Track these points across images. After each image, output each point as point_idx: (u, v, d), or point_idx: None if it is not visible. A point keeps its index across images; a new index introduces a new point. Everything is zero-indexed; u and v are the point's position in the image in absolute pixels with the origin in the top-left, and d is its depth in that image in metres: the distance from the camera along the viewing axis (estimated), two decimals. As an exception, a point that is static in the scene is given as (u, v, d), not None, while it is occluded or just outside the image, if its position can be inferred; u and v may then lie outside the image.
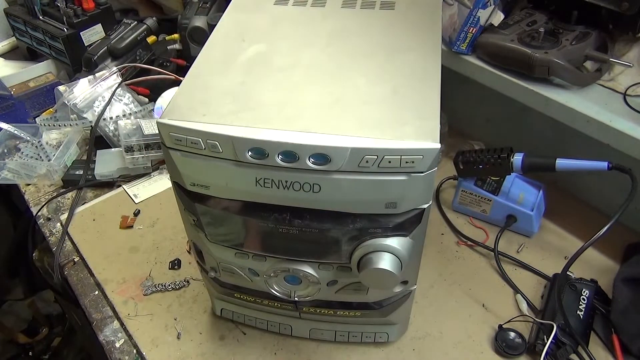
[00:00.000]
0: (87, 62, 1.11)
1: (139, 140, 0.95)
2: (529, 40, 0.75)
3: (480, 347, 0.69)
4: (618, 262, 0.79)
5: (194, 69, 0.53)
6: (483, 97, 0.96)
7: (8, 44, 1.35)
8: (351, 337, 0.68)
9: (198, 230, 0.56)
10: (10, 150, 1.00)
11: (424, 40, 0.56)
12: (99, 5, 1.18)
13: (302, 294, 0.59)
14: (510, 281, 0.77)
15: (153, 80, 1.10)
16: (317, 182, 0.46)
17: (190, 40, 1.17)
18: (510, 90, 0.78)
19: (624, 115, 0.69)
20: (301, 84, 0.50)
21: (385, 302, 0.62)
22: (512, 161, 0.74)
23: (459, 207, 0.88)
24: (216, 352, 0.70)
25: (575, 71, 0.73)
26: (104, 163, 0.97)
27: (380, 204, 0.47)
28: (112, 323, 0.74)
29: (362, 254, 0.51)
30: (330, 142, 0.43)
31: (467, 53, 0.83)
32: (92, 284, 0.80)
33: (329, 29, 0.58)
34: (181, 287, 0.78)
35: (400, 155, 0.43)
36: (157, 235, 0.87)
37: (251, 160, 0.45)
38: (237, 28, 0.59)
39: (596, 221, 0.66)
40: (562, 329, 0.66)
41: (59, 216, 0.91)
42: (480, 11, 0.77)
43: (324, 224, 0.49)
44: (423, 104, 0.47)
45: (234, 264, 0.58)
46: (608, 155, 0.69)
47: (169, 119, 0.46)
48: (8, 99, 1.15)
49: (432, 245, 0.83)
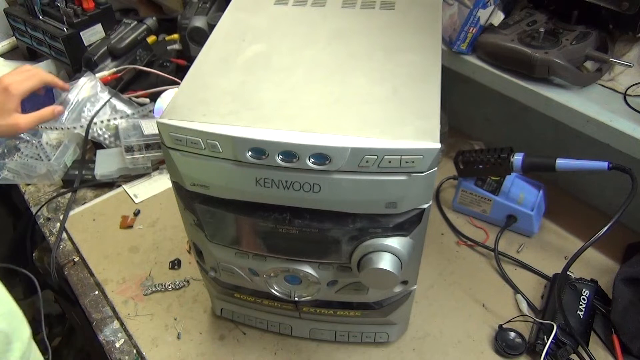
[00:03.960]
0: (87, 62, 1.11)
1: (139, 140, 0.95)
2: (529, 40, 0.75)
3: (480, 347, 0.69)
4: (618, 262, 0.79)
5: (194, 69, 0.53)
6: (483, 97, 0.96)
7: (8, 44, 1.35)
8: (351, 337, 0.68)
9: (198, 230, 0.56)
10: (10, 150, 1.00)
11: (424, 40, 0.56)
12: (99, 5, 1.18)
13: (302, 293, 0.59)
14: (510, 281, 0.77)
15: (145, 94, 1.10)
16: (317, 182, 0.46)
17: (190, 40, 1.17)
18: (510, 90, 0.78)
19: (624, 115, 0.69)
20: (301, 83, 0.50)
21: (386, 302, 0.62)
22: (512, 161, 0.74)
23: (459, 207, 0.88)
24: (216, 352, 0.70)
25: (575, 71, 0.73)
26: (104, 163, 0.97)
27: (380, 204, 0.47)
28: (112, 323, 0.74)
29: (362, 253, 0.51)
30: (330, 142, 0.43)
31: (467, 53, 0.83)
32: (92, 284, 0.80)
33: (329, 29, 0.58)
34: (181, 287, 0.78)
35: (400, 155, 0.43)
36: (157, 235, 0.87)
37: (251, 160, 0.45)
38: (237, 28, 0.59)
39: (596, 221, 0.66)
40: (562, 329, 0.66)
41: (58, 216, 0.91)
42: (481, 11, 0.77)
43: (324, 223, 0.49)
44: (423, 104, 0.47)
45: (234, 264, 0.58)
46: (608, 155, 0.69)
47: (169, 119, 0.46)
48: (8, 99, 1.15)
49: (432, 245, 0.83)
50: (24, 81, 0.80)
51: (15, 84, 0.79)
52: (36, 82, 0.81)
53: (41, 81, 0.82)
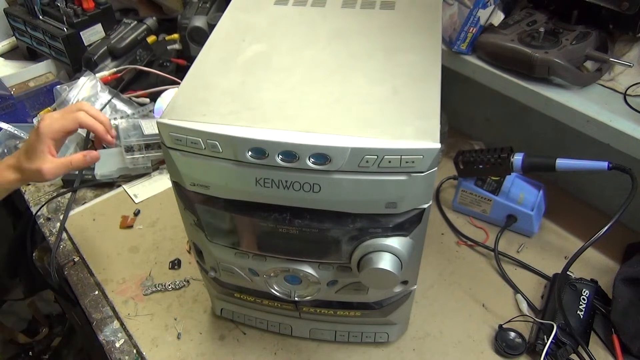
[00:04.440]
0: (87, 62, 1.11)
1: (139, 140, 0.95)
2: (529, 40, 0.75)
3: (480, 347, 0.69)
4: (618, 262, 0.79)
5: (194, 69, 0.53)
6: (483, 97, 0.96)
7: (8, 44, 1.35)
8: (351, 337, 0.68)
9: (198, 230, 0.56)
10: (10, 150, 1.00)
11: (424, 40, 0.56)
12: (99, 5, 1.18)
13: (302, 293, 0.59)
14: (510, 281, 0.77)
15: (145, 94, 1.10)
16: (317, 182, 0.46)
17: (190, 40, 1.17)
18: (510, 90, 0.78)
19: (624, 115, 0.69)
20: (301, 83, 0.50)
21: (386, 302, 0.62)
22: (512, 161, 0.74)
23: (459, 207, 0.88)
24: (216, 352, 0.70)
25: (575, 71, 0.73)
26: (104, 163, 0.97)
27: (380, 204, 0.47)
28: (112, 323, 0.74)
29: (362, 253, 0.51)
30: (330, 142, 0.43)
31: (467, 53, 0.83)
32: (92, 284, 0.80)
33: (329, 29, 0.58)
34: (181, 287, 0.78)
35: (400, 155, 0.43)
36: (157, 235, 0.87)
37: (251, 160, 0.45)
38: (237, 28, 0.59)
39: (596, 221, 0.66)
40: (562, 328, 0.66)
41: (58, 216, 0.91)
42: (480, 11, 0.77)
43: (324, 223, 0.49)
44: (423, 104, 0.47)
45: (234, 264, 0.58)
46: (608, 155, 0.69)
47: (169, 118, 0.46)
48: (8, 98, 1.15)
49: (432, 245, 0.83)
50: (57, 120, 0.67)
51: (46, 122, 0.67)
52: (69, 122, 0.67)
53: (76, 122, 0.68)
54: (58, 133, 0.67)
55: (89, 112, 0.69)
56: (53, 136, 0.67)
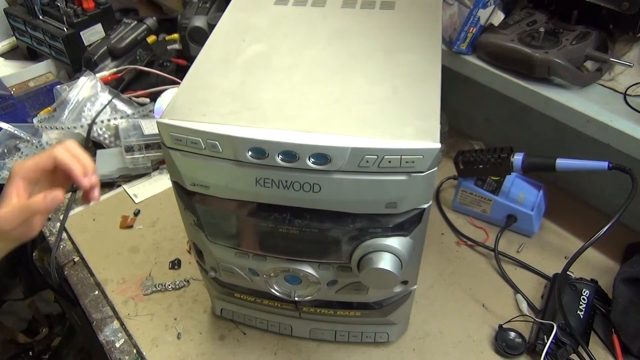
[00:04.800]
0: (87, 62, 1.11)
1: (139, 140, 0.95)
2: (529, 40, 0.75)
3: (480, 347, 0.69)
4: (618, 262, 0.79)
5: (194, 69, 0.53)
6: (483, 97, 0.96)
7: (8, 44, 1.35)
8: (351, 337, 0.68)
9: (198, 230, 0.56)
10: (10, 150, 1.00)
11: (424, 40, 0.56)
12: (99, 5, 1.18)
13: (302, 293, 0.59)
14: (510, 281, 0.77)
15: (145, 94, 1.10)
16: (317, 182, 0.46)
17: (190, 40, 1.17)
18: (510, 90, 0.78)
19: (624, 115, 0.69)
20: (301, 83, 0.50)
21: (386, 302, 0.62)
22: (512, 161, 0.74)
23: (459, 207, 0.88)
24: (216, 352, 0.70)
25: (575, 71, 0.73)
26: (104, 163, 0.97)
27: (380, 204, 0.47)
28: (112, 323, 0.74)
29: (362, 253, 0.51)
30: (331, 142, 0.43)
31: (467, 53, 0.83)
32: (92, 283, 0.80)
33: (329, 29, 0.58)
34: (181, 287, 0.78)
35: (400, 155, 0.43)
36: (157, 235, 0.87)
37: (251, 160, 0.45)
38: (237, 28, 0.59)
39: (596, 221, 0.66)
40: (562, 328, 0.66)
41: (58, 216, 0.91)
42: (481, 11, 0.78)
43: (324, 223, 0.49)
44: (423, 104, 0.47)
45: (234, 264, 0.58)
46: (608, 155, 0.69)
47: (169, 118, 0.46)
48: (8, 98, 1.15)
49: (432, 245, 0.83)
50: (31, 158, 0.57)
51: (19, 161, 0.58)
52: (43, 159, 0.56)
53: (50, 157, 0.56)
54: (29, 171, 0.56)
55: (69, 149, 0.57)
56: (24, 175, 0.56)
